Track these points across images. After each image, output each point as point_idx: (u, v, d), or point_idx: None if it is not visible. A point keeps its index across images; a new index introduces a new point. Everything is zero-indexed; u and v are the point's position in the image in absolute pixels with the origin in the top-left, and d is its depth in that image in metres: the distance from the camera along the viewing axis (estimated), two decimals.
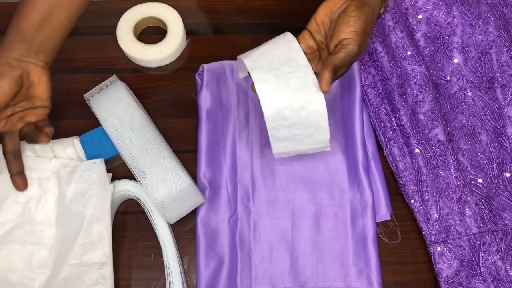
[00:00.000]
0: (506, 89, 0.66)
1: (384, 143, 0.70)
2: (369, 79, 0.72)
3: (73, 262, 0.61)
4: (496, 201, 0.64)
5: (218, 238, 0.65)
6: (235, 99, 0.72)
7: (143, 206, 0.66)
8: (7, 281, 0.60)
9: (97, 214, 0.62)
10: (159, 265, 0.65)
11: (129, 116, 0.64)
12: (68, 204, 0.62)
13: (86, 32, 0.77)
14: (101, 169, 0.63)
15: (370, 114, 0.71)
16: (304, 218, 0.66)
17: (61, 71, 0.74)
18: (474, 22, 0.68)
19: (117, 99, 0.65)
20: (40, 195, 0.63)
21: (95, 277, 0.61)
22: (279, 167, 0.69)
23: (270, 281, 0.64)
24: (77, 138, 0.66)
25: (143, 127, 0.63)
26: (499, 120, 0.66)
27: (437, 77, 0.68)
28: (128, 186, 0.66)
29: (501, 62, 0.67)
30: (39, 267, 0.61)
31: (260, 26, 0.78)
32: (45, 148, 0.65)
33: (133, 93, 0.71)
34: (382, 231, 0.67)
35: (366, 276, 0.63)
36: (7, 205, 0.62)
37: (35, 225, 0.62)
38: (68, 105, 0.72)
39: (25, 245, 0.61)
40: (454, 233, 0.64)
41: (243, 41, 0.77)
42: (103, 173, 0.63)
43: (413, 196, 0.66)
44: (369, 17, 0.55)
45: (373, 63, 0.73)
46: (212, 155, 0.69)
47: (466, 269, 0.63)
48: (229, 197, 0.67)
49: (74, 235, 0.62)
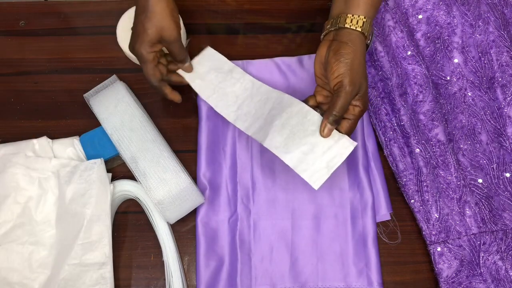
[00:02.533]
0: (506, 89, 0.66)
1: (384, 143, 0.70)
2: (369, 79, 0.72)
3: (73, 262, 0.61)
4: (496, 201, 0.64)
5: (218, 238, 0.65)
6: None
7: (143, 206, 0.66)
8: (6, 281, 0.60)
9: (97, 214, 0.62)
10: (159, 265, 0.65)
11: (129, 116, 0.64)
12: (68, 204, 0.62)
13: (86, 32, 0.77)
14: (100, 169, 0.63)
15: (370, 114, 0.71)
16: (304, 218, 0.66)
17: (61, 71, 0.74)
18: (474, 22, 0.68)
19: (117, 99, 0.65)
20: (40, 195, 0.63)
21: (95, 277, 0.61)
22: (279, 167, 0.69)
23: (270, 281, 0.64)
24: (77, 138, 0.66)
25: (143, 127, 0.63)
26: (499, 120, 0.66)
27: (437, 77, 0.68)
28: (128, 186, 0.66)
29: (501, 62, 0.67)
30: (39, 267, 0.61)
31: (260, 26, 0.78)
32: (45, 148, 0.65)
33: (133, 93, 0.71)
34: (382, 231, 0.67)
35: (366, 276, 0.63)
36: (7, 205, 0.62)
37: (35, 225, 0.62)
38: (68, 105, 0.72)
39: (24, 245, 0.61)
40: (454, 233, 0.64)
41: (243, 41, 0.77)
42: (102, 173, 0.63)
43: (413, 196, 0.66)
44: (350, 55, 0.56)
45: (373, 63, 0.73)
46: (212, 155, 0.69)
47: (466, 269, 0.63)
48: (229, 197, 0.67)
49: (74, 235, 0.61)
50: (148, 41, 0.61)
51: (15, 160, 0.63)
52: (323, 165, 0.58)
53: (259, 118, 0.64)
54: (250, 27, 0.78)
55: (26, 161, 0.63)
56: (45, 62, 0.75)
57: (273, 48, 0.76)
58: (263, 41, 0.77)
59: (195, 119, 0.71)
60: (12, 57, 0.75)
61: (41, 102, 0.72)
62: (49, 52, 0.75)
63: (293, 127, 0.60)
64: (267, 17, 0.78)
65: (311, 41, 0.76)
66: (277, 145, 0.60)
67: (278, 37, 0.77)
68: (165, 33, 0.61)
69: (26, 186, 0.63)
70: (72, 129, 0.70)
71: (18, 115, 0.72)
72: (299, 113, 0.60)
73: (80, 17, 0.78)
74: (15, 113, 0.72)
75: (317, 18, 0.78)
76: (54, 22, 0.77)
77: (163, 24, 0.61)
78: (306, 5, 0.79)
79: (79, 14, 0.78)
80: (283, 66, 0.73)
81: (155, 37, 0.61)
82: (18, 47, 0.76)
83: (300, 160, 0.59)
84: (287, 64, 0.73)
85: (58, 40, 0.76)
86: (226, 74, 0.68)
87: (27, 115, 0.72)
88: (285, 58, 0.73)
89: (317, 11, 0.78)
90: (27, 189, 0.63)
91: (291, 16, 0.78)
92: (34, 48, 0.76)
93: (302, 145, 0.59)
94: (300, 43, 0.76)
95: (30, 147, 0.64)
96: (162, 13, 0.60)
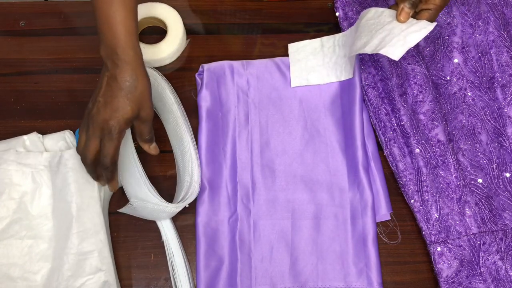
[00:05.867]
0: (506, 89, 0.66)
1: (384, 143, 0.70)
2: (369, 79, 0.72)
3: (71, 252, 0.61)
4: (496, 201, 0.64)
5: (218, 238, 0.65)
6: (235, 99, 0.72)
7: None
8: (8, 276, 0.61)
9: (86, 201, 0.62)
10: (159, 265, 0.65)
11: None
12: (59, 194, 0.62)
13: (86, 32, 0.77)
14: None
15: (370, 114, 0.71)
16: (304, 218, 0.66)
17: (61, 71, 0.74)
18: (474, 22, 0.68)
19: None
20: (34, 189, 0.63)
21: (94, 265, 0.61)
22: (279, 167, 0.69)
23: (270, 281, 0.64)
24: (68, 131, 0.66)
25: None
26: (499, 120, 0.66)
27: (437, 77, 0.68)
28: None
29: (501, 62, 0.67)
30: (40, 260, 0.61)
31: (261, 26, 0.78)
32: (36, 143, 0.65)
33: None
34: (382, 231, 0.67)
35: (366, 276, 0.63)
36: (2, 202, 0.62)
37: (32, 219, 0.62)
38: (68, 105, 0.72)
39: (23, 240, 0.62)
40: (454, 233, 0.64)
41: (243, 41, 0.77)
42: None
43: (413, 196, 0.66)
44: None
45: (373, 63, 0.73)
46: (212, 155, 0.69)
47: (466, 269, 0.63)
48: (229, 197, 0.67)
49: (68, 225, 0.62)
50: (127, 118, 0.57)
51: (6, 157, 0.63)
52: (401, 42, 0.57)
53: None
54: (250, 27, 0.78)
55: (17, 157, 0.63)
56: (45, 62, 0.75)
57: (273, 48, 0.76)
58: (264, 41, 0.77)
59: (195, 119, 0.71)
60: (12, 57, 0.75)
61: (41, 102, 0.72)
62: (49, 52, 0.75)
63: (370, 26, 0.60)
64: (267, 17, 0.78)
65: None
66: (358, 46, 0.61)
67: (278, 37, 0.77)
68: (143, 112, 0.58)
69: (20, 182, 0.63)
70: (72, 129, 0.70)
71: (18, 115, 0.72)
72: (375, 14, 0.61)
73: (80, 17, 0.78)
74: (15, 113, 0.72)
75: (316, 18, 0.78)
76: (54, 22, 0.77)
77: (143, 102, 0.58)
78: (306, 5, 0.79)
79: (79, 14, 0.78)
80: (283, 66, 0.73)
81: (134, 115, 0.57)
82: (18, 47, 0.75)
83: (378, 43, 0.58)
84: (287, 64, 0.73)
85: (58, 40, 0.76)
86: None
87: (27, 115, 0.72)
88: (285, 58, 0.73)
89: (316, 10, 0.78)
90: (21, 184, 0.63)
91: (292, 16, 0.78)
92: (34, 48, 0.76)
93: (380, 33, 0.59)
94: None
95: (20, 143, 0.64)
96: (144, 91, 0.58)
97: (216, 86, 0.72)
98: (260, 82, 0.72)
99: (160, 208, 0.61)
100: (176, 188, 0.67)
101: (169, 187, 0.68)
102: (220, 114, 0.71)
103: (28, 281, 0.61)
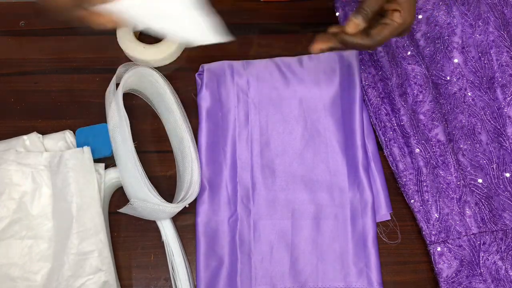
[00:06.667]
0: (506, 89, 0.66)
1: (384, 143, 0.70)
2: (369, 79, 0.72)
3: (71, 252, 0.61)
4: (496, 201, 0.64)
5: (218, 238, 0.65)
6: (235, 99, 0.72)
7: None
8: (8, 276, 0.61)
9: (86, 202, 0.62)
10: (159, 265, 0.65)
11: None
12: (59, 194, 0.62)
13: (86, 32, 0.76)
14: (85, 156, 0.63)
15: (370, 114, 0.71)
16: (304, 218, 0.66)
17: (61, 71, 0.74)
18: (474, 22, 0.68)
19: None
20: (34, 189, 0.63)
21: (94, 265, 0.61)
22: (279, 167, 0.69)
23: (270, 281, 0.64)
24: (68, 131, 0.66)
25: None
26: (499, 120, 0.66)
27: (437, 77, 0.68)
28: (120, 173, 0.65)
29: (501, 62, 0.67)
30: (40, 260, 0.61)
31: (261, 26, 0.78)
32: (35, 143, 0.65)
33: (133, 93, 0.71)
34: (382, 231, 0.67)
35: (366, 276, 0.63)
36: (2, 202, 0.62)
37: (32, 219, 0.62)
38: (68, 105, 0.72)
39: (23, 240, 0.62)
40: (454, 233, 0.64)
41: (243, 41, 0.77)
42: (87, 161, 0.63)
43: (413, 196, 0.66)
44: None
45: (373, 63, 0.73)
46: (212, 155, 0.69)
47: (466, 269, 0.63)
48: (229, 197, 0.67)
49: (68, 225, 0.62)
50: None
51: (6, 157, 0.63)
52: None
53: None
54: (251, 27, 0.78)
55: (17, 157, 0.63)
56: (45, 62, 0.75)
57: (273, 48, 0.76)
58: (264, 41, 0.77)
59: (195, 119, 0.71)
60: (12, 57, 0.75)
61: (41, 102, 0.72)
62: (49, 52, 0.75)
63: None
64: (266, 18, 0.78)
65: (311, 41, 0.76)
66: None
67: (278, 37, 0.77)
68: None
69: (20, 182, 0.63)
70: (72, 129, 0.70)
71: (18, 115, 0.72)
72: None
73: None
74: (15, 113, 0.72)
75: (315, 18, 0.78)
76: (54, 22, 0.77)
77: None
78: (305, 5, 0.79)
79: None
80: (283, 66, 0.73)
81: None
82: (18, 47, 0.76)
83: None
84: (287, 64, 0.73)
85: (58, 40, 0.76)
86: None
87: (27, 115, 0.72)
88: (285, 58, 0.73)
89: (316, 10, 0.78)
90: (21, 184, 0.63)
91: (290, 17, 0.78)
92: (34, 48, 0.75)
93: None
94: (300, 43, 0.76)
95: (20, 143, 0.64)
96: None
97: (216, 86, 0.72)
98: (260, 82, 0.72)
99: (160, 208, 0.61)
100: (176, 188, 0.67)
101: (169, 187, 0.68)
102: (220, 114, 0.71)
103: (28, 281, 0.61)
